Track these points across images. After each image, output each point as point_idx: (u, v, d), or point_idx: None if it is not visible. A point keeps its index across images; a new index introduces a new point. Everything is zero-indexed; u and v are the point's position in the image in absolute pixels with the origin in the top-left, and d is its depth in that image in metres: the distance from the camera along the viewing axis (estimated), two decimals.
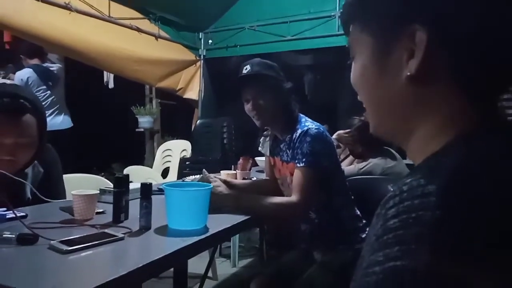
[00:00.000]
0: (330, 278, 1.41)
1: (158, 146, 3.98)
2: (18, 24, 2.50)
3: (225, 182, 1.55)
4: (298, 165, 1.44)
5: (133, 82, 3.54)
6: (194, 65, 4.05)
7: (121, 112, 4.35)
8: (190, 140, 3.47)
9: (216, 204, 1.29)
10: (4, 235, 0.94)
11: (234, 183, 1.71)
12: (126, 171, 2.65)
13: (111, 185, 1.68)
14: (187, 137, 3.72)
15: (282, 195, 1.60)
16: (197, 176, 1.76)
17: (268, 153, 1.74)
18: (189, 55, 3.98)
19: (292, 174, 1.49)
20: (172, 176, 3.39)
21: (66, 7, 2.73)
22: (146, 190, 1.13)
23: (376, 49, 0.46)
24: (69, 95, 3.69)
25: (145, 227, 1.10)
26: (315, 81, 5.20)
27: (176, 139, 4.06)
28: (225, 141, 2.96)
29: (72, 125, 3.50)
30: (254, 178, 2.11)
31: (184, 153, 3.53)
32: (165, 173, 3.63)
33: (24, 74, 3.29)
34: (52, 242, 0.93)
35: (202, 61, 4.09)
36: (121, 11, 3.16)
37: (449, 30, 0.40)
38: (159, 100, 4.41)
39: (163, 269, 0.99)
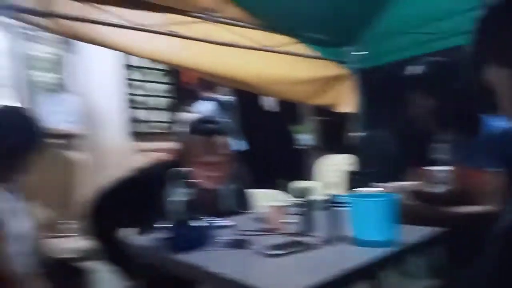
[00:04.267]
0: None
1: (318, 162, 4.10)
2: (200, 66, 3.02)
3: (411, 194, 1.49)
4: (489, 169, 1.29)
5: (289, 102, 3.76)
6: (347, 78, 4.05)
7: (282, 132, 4.66)
8: (352, 153, 3.47)
9: (404, 216, 1.25)
10: (222, 240, 1.14)
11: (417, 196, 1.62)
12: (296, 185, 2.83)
13: (286, 198, 1.82)
14: (347, 151, 3.73)
15: (467, 205, 1.44)
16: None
17: (447, 161, 1.60)
18: (340, 70, 4.01)
19: (480, 182, 1.33)
20: (339, 189, 3.42)
21: (232, 45, 3.14)
22: (331, 202, 1.18)
23: None
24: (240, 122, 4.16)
25: (333, 237, 1.15)
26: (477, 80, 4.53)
27: (336, 153, 4.10)
28: (389, 152, 2.86)
29: (248, 148, 3.92)
30: (428, 190, 1.95)
31: (347, 167, 3.54)
32: (329, 187, 3.70)
33: (206, 107, 3.88)
34: (257, 247, 1.08)
35: (354, 74, 4.06)
36: (271, 39, 3.42)
37: None
38: (316, 117, 4.57)
39: (358, 279, 1.00)
